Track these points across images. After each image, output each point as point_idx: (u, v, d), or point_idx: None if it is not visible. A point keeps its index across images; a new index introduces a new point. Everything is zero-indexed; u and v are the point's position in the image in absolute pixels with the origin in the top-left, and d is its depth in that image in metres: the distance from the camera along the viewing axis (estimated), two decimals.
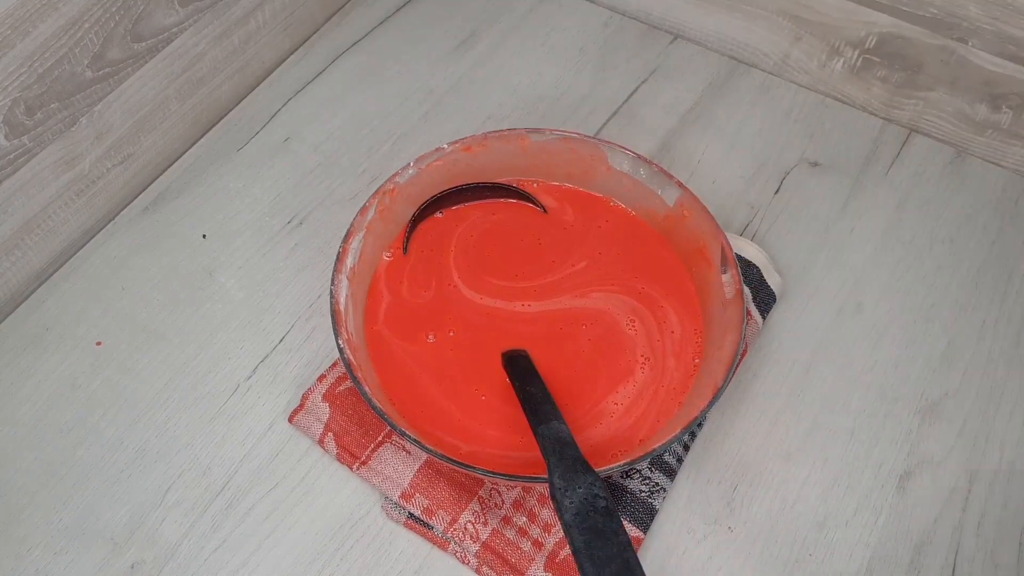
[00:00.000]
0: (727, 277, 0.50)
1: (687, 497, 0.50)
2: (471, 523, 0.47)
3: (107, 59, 0.55)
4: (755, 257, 0.56)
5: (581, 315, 0.52)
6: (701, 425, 0.52)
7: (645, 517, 0.48)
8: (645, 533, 0.48)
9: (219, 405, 0.53)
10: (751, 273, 0.56)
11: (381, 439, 0.50)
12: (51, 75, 0.52)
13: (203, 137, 0.66)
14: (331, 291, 0.48)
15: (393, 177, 0.53)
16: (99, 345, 0.55)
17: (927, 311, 0.57)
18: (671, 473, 0.50)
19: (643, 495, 0.49)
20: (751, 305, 0.55)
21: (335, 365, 0.53)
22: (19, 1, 0.48)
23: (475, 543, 0.47)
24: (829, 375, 0.55)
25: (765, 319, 0.56)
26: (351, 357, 0.46)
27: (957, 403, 0.54)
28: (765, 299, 0.56)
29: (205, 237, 0.60)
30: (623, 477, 0.49)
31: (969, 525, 0.49)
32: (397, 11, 0.74)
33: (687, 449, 0.51)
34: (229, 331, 0.56)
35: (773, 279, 0.56)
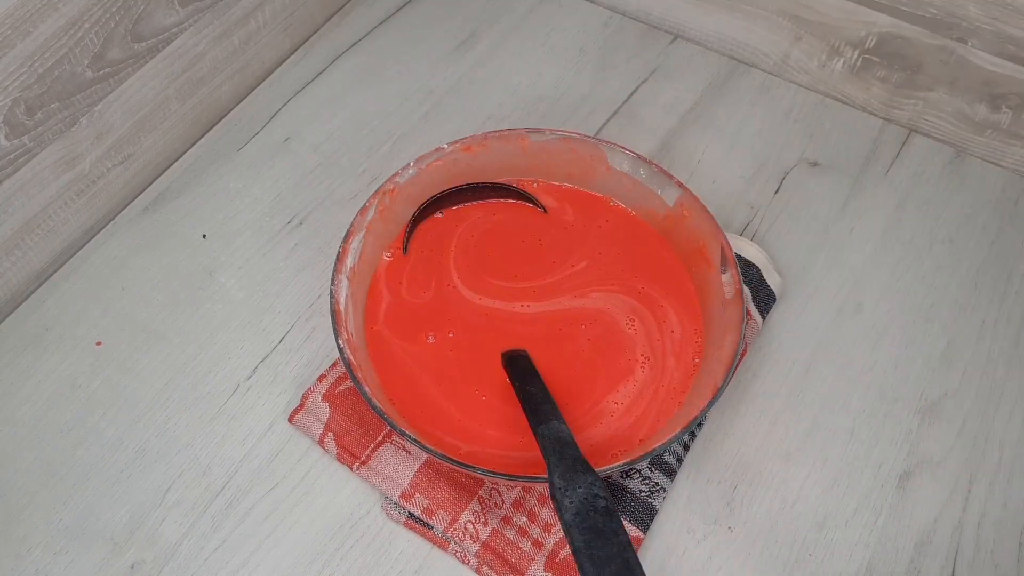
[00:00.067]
0: (727, 277, 0.50)
1: (687, 497, 0.50)
2: (471, 523, 0.47)
3: (107, 59, 0.55)
4: (755, 257, 0.56)
5: (580, 315, 0.52)
6: (701, 425, 0.52)
7: (645, 517, 0.48)
8: (645, 533, 0.48)
9: (219, 405, 0.53)
10: (751, 273, 0.56)
11: (381, 439, 0.50)
12: (51, 75, 0.52)
13: (203, 137, 0.66)
14: (331, 291, 0.49)
15: (393, 177, 0.53)
16: (99, 345, 0.55)
17: (927, 311, 0.57)
18: (671, 473, 0.50)
19: (643, 495, 0.49)
20: (751, 305, 0.55)
21: (335, 365, 0.53)
22: (19, 1, 0.48)
23: (475, 543, 0.47)
24: (829, 375, 0.55)
25: (765, 319, 0.56)
26: (351, 357, 0.46)
27: (957, 403, 0.54)
28: (765, 299, 0.56)
29: (205, 237, 0.60)
30: (623, 477, 0.49)
31: (969, 525, 0.49)
32: (397, 11, 0.74)
33: (687, 449, 0.51)
34: (229, 331, 0.56)
35: (773, 279, 0.56)
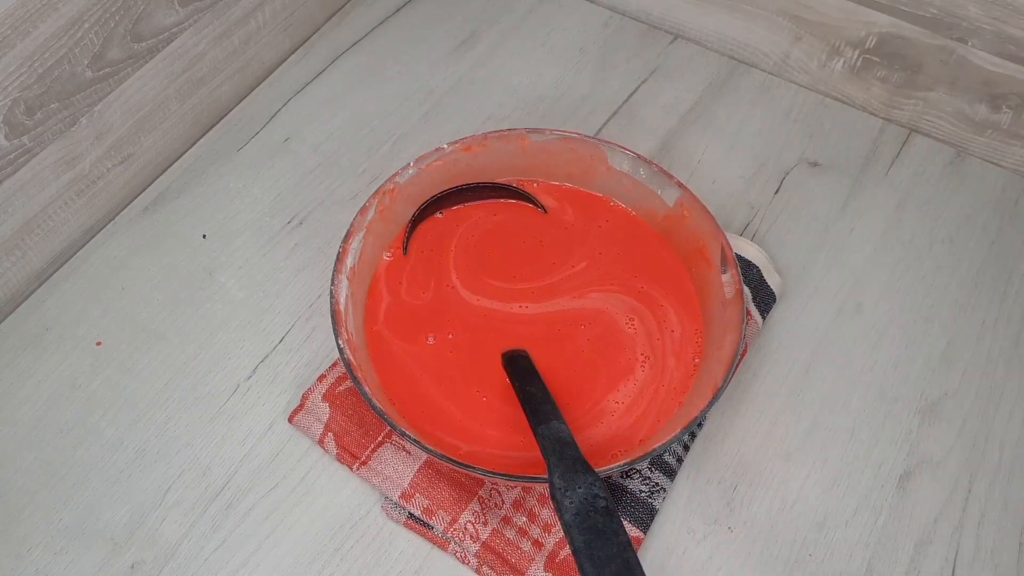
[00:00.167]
0: (727, 277, 0.50)
1: (687, 497, 0.50)
2: (471, 523, 0.47)
3: (107, 59, 0.55)
4: (755, 257, 0.56)
5: (580, 315, 0.52)
6: (701, 425, 0.52)
7: (645, 517, 0.48)
8: (645, 533, 0.48)
9: (219, 405, 0.53)
10: (751, 273, 0.56)
11: (381, 439, 0.50)
12: (51, 75, 0.52)
13: (203, 137, 0.66)
14: (331, 291, 0.49)
15: (393, 177, 0.53)
16: (99, 345, 0.55)
17: (927, 311, 0.57)
18: (671, 473, 0.50)
19: (643, 495, 0.49)
20: (751, 305, 0.55)
21: (335, 365, 0.53)
22: (19, 1, 0.48)
23: (475, 543, 0.47)
24: (829, 375, 0.55)
25: (765, 319, 0.56)
26: (351, 357, 0.46)
27: (957, 403, 0.54)
28: (765, 299, 0.56)
29: (205, 237, 0.60)
30: (623, 477, 0.49)
31: (969, 525, 0.49)
32: (397, 11, 0.74)
33: (687, 449, 0.51)
34: (229, 331, 0.56)
35: (773, 279, 0.56)
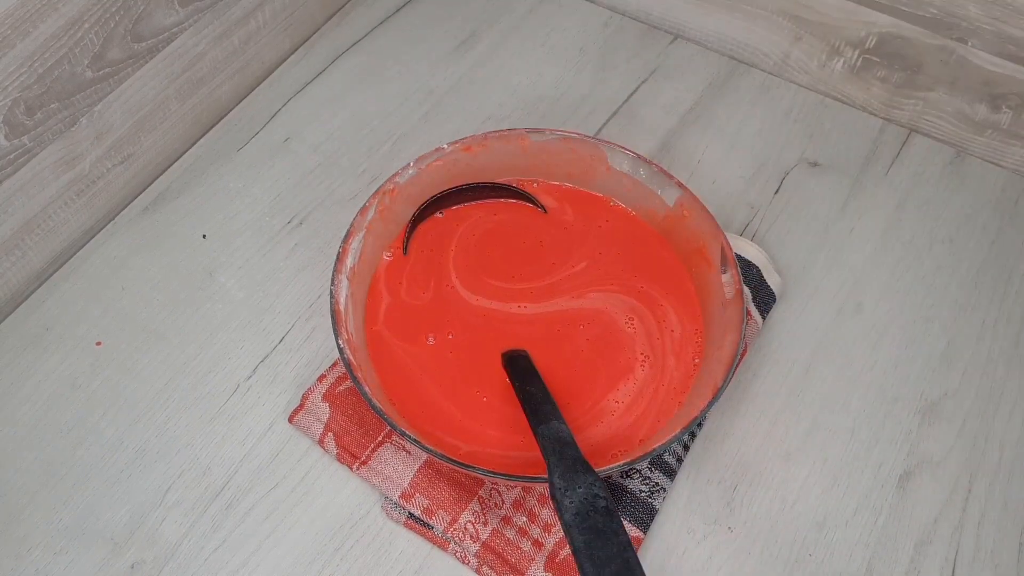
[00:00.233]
0: (727, 277, 0.50)
1: (687, 497, 0.50)
2: (471, 523, 0.47)
3: (107, 59, 0.55)
4: (755, 257, 0.56)
5: (579, 315, 0.52)
6: (701, 425, 0.52)
7: (645, 517, 0.48)
8: (645, 533, 0.48)
9: (219, 405, 0.53)
10: (751, 273, 0.56)
11: (381, 439, 0.50)
12: (51, 75, 0.52)
13: (203, 137, 0.66)
14: (331, 291, 0.49)
15: (393, 177, 0.53)
16: (99, 345, 0.55)
17: (927, 311, 0.57)
18: (671, 473, 0.50)
19: (643, 495, 0.49)
20: (751, 305, 0.55)
21: (335, 365, 0.53)
22: (19, 1, 0.48)
23: (475, 543, 0.47)
24: (829, 375, 0.55)
25: (765, 319, 0.56)
26: (351, 357, 0.46)
27: (957, 403, 0.54)
28: (765, 299, 0.56)
29: (205, 237, 0.60)
30: (623, 477, 0.49)
31: (969, 525, 0.49)
32: (397, 11, 0.74)
33: (687, 449, 0.51)
34: (229, 331, 0.56)
35: (773, 279, 0.56)
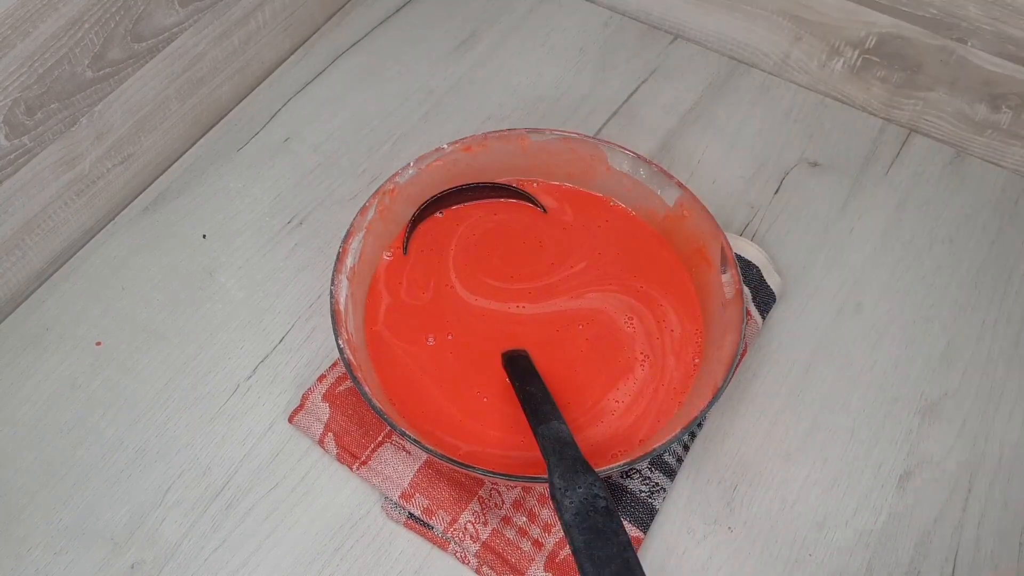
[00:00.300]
0: (727, 277, 0.50)
1: (687, 497, 0.50)
2: (471, 523, 0.47)
3: (107, 59, 0.55)
4: (755, 257, 0.56)
5: (578, 315, 0.52)
6: (701, 425, 0.52)
7: (645, 517, 0.48)
8: (645, 533, 0.48)
9: (219, 405, 0.53)
10: (751, 273, 0.56)
11: (381, 439, 0.50)
12: (51, 75, 0.52)
13: (203, 137, 0.66)
14: (331, 291, 0.49)
15: (393, 177, 0.53)
16: (99, 345, 0.55)
17: (927, 311, 0.57)
18: (671, 473, 0.50)
19: (643, 495, 0.49)
20: (751, 305, 0.55)
21: (335, 365, 0.53)
22: (19, 1, 0.48)
23: (475, 543, 0.47)
24: (829, 375, 0.55)
25: (765, 319, 0.56)
26: (351, 357, 0.46)
27: (957, 403, 0.54)
28: (765, 299, 0.56)
29: (205, 237, 0.60)
30: (623, 477, 0.49)
31: (969, 525, 0.49)
32: (397, 11, 0.74)
33: (687, 449, 0.51)
34: (229, 331, 0.56)
35: (773, 279, 0.56)
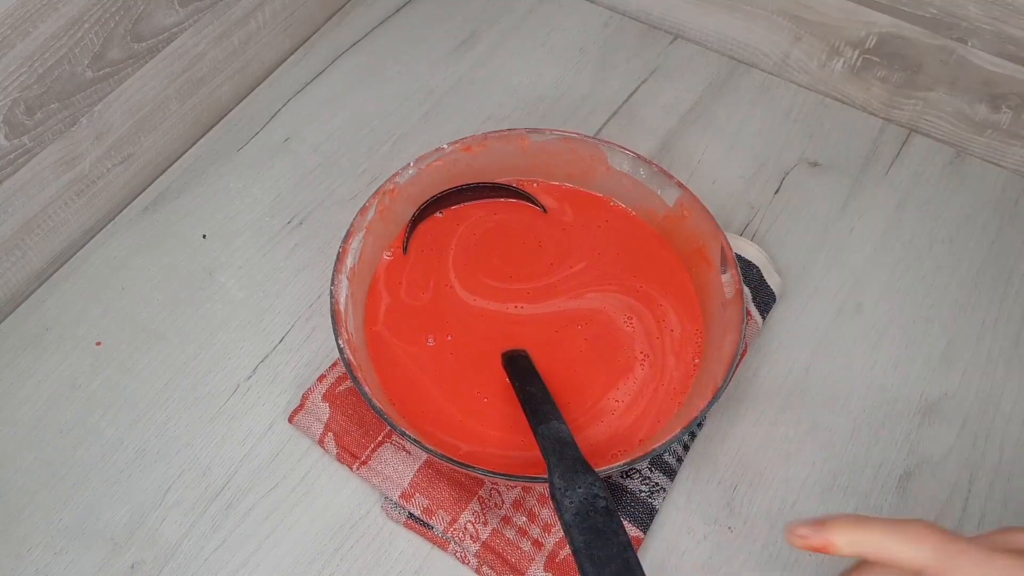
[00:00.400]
0: (727, 277, 0.50)
1: (687, 497, 0.50)
2: (471, 523, 0.47)
3: (107, 59, 0.55)
4: (755, 257, 0.56)
5: (577, 315, 0.52)
6: (701, 425, 0.52)
7: (645, 517, 0.48)
8: (645, 533, 0.48)
9: (219, 405, 0.53)
10: (751, 273, 0.56)
11: (381, 439, 0.50)
12: (51, 75, 0.52)
13: (203, 137, 0.66)
14: (331, 291, 0.49)
15: (393, 177, 0.53)
16: (99, 345, 0.55)
17: (927, 311, 0.57)
18: (671, 473, 0.50)
19: (643, 495, 0.49)
20: (751, 305, 0.55)
21: (335, 365, 0.53)
22: (19, 1, 0.48)
23: (475, 543, 0.47)
24: (829, 375, 0.55)
25: (765, 319, 0.56)
26: (351, 357, 0.46)
27: (957, 403, 0.54)
28: (765, 299, 0.56)
29: (205, 237, 0.60)
30: (623, 477, 0.49)
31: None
32: (397, 11, 0.74)
33: (687, 449, 0.51)
34: (229, 331, 0.56)
35: (773, 279, 0.56)
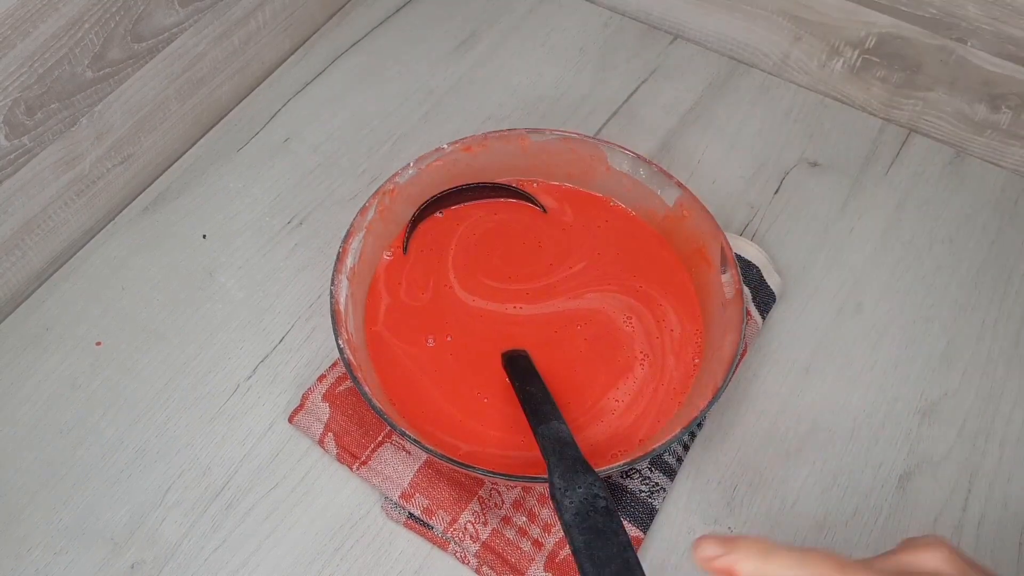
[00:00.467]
0: (727, 277, 0.50)
1: (687, 497, 0.50)
2: (471, 523, 0.47)
3: (107, 59, 0.55)
4: (755, 257, 0.56)
5: (576, 315, 0.52)
6: (701, 425, 0.52)
7: (645, 517, 0.48)
8: (645, 533, 0.48)
9: (219, 405, 0.53)
10: (751, 273, 0.56)
11: (381, 439, 0.50)
12: (51, 75, 0.52)
13: (203, 137, 0.66)
14: (331, 291, 0.49)
15: (393, 177, 0.53)
16: (99, 345, 0.55)
17: (927, 311, 0.57)
18: (671, 473, 0.50)
19: (643, 495, 0.49)
20: (751, 305, 0.55)
21: (335, 365, 0.53)
22: (19, 1, 0.48)
23: (475, 543, 0.47)
24: (829, 375, 0.55)
25: (765, 319, 0.56)
26: (351, 357, 0.46)
27: (957, 403, 0.54)
28: (765, 299, 0.56)
29: (205, 237, 0.60)
30: (623, 477, 0.49)
31: (969, 525, 0.49)
32: (397, 11, 0.74)
33: (687, 449, 0.51)
34: (229, 331, 0.56)
35: (773, 279, 0.56)
